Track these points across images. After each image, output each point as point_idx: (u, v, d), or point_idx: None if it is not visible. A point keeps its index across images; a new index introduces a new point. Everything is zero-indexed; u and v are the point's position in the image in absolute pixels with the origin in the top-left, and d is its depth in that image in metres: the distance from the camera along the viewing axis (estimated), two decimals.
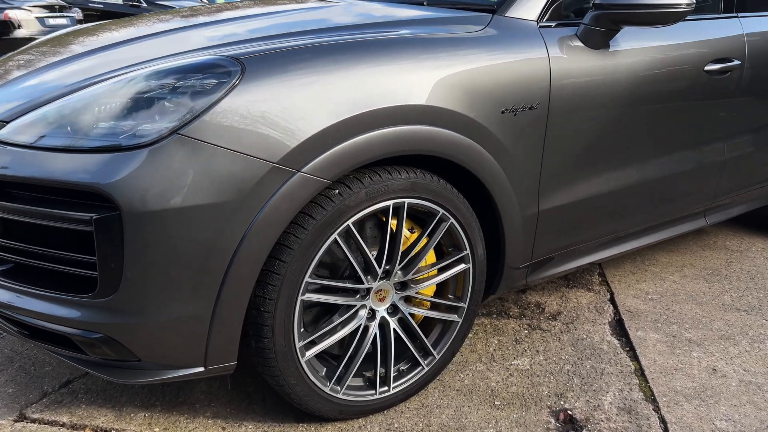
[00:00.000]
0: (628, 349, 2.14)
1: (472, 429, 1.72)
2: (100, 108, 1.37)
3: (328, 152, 1.42)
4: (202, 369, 1.46)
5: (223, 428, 1.71)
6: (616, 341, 2.19)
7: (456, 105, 1.61)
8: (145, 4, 12.81)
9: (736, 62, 2.31)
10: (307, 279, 1.50)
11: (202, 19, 2.06)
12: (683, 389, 1.92)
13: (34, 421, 1.72)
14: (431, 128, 1.57)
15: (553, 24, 1.89)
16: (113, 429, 1.69)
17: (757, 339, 2.23)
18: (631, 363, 2.06)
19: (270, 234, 1.39)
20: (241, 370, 1.64)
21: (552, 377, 1.97)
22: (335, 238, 1.51)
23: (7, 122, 1.44)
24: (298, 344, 1.54)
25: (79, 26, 2.45)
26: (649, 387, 1.93)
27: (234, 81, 1.36)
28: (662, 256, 2.94)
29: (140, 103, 1.36)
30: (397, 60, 1.54)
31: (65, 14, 10.54)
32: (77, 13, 10.85)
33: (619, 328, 2.28)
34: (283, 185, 1.38)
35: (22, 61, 1.87)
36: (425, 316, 1.83)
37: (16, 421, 1.72)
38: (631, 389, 1.92)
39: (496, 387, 1.91)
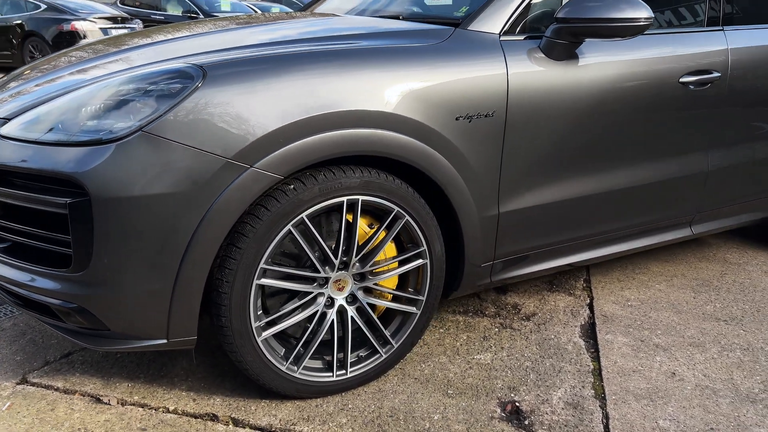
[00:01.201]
0: (592, 350, 2.21)
1: (420, 413, 1.84)
2: (80, 109, 1.58)
3: (279, 150, 1.58)
4: (164, 341, 1.64)
5: (194, 399, 1.89)
6: (582, 343, 2.26)
7: (408, 111, 1.74)
8: (201, 16, 13.40)
9: (716, 74, 2.35)
10: (262, 265, 1.66)
11: (198, 30, 2.27)
12: (636, 389, 1.98)
13: (33, 384, 1.94)
14: (382, 132, 1.71)
15: (517, 37, 2.00)
16: (99, 395, 1.90)
17: (728, 348, 2.25)
18: (591, 363, 2.13)
19: (224, 222, 1.57)
20: (221, 349, 1.81)
21: (509, 372, 2.06)
22: (290, 229, 1.67)
23: (9, 119, 1.67)
24: (254, 324, 1.71)
25: (110, 36, 2.71)
26: (602, 386, 2.00)
27: (196, 84, 1.54)
28: (655, 265, 2.97)
29: (114, 105, 1.56)
30: (350, 69, 1.69)
31: (127, 25, 11.18)
32: (138, 25, 11.49)
33: (589, 331, 2.34)
34: (236, 179, 1.55)
35: (47, 66, 2.12)
36: (387, 307, 1.96)
37: (18, 383, 1.95)
38: (583, 387, 1.99)
39: (453, 378, 2.02)
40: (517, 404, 1.90)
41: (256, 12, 13.95)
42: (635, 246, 2.51)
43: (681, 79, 2.26)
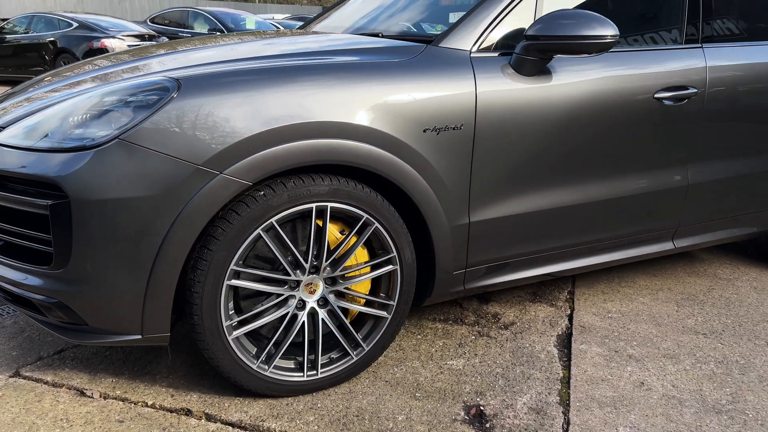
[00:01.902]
0: (565, 359, 2.25)
1: (386, 414, 1.91)
2: (68, 118, 1.71)
3: (248, 158, 1.68)
4: (139, 336, 1.75)
5: (172, 395, 1.98)
6: (556, 352, 2.30)
7: (375, 122, 1.83)
8: (226, 32, 13.74)
9: (693, 90, 2.39)
10: (232, 267, 1.76)
11: (192, 45, 2.40)
12: (601, 397, 2.01)
13: (25, 377, 2.06)
14: (349, 142, 1.80)
15: (489, 53, 2.08)
16: (84, 389, 2.00)
17: (702, 360, 2.27)
18: (561, 371, 2.17)
19: (195, 225, 1.67)
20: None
21: (479, 377, 2.12)
22: (259, 233, 1.77)
23: (4, 128, 1.81)
24: (225, 323, 1.80)
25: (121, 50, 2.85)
26: (568, 393, 2.04)
27: (171, 96, 1.65)
28: (642, 279, 2.99)
29: (97, 114, 1.68)
30: (319, 82, 1.79)
31: (154, 43, 11.54)
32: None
33: (566, 341, 2.38)
34: (206, 184, 1.65)
35: (51, 77, 2.26)
36: (360, 311, 2.04)
37: (11, 376, 2.07)
38: (549, 393, 2.03)
39: (422, 381, 2.09)
40: (481, 408, 1.95)
41: (278, 29, 14.25)
42: (616, 258, 2.55)
43: (656, 95, 2.32)
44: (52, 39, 11.09)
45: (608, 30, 2.00)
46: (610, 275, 3.01)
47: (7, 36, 12.09)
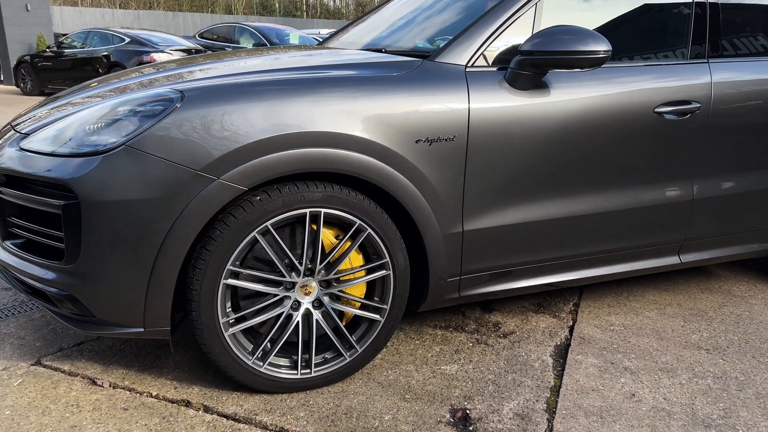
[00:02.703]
0: (559, 369, 2.27)
1: (373, 413, 1.98)
2: (82, 126, 1.86)
3: (244, 165, 1.80)
4: (141, 329, 1.87)
5: (175, 388, 2.10)
6: (551, 361, 2.32)
7: (367, 133, 1.93)
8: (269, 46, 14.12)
9: (696, 105, 2.40)
10: (229, 267, 1.87)
11: (214, 60, 2.55)
12: (589, 407, 2.04)
13: (44, 366, 2.22)
14: (341, 151, 1.90)
15: (485, 68, 2.15)
16: (96, 378, 2.15)
17: (700, 375, 2.26)
18: (553, 380, 2.19)
19: (193, 226, 1.79)
20: None
21: (470, 382, 2.16)
22: (255, 235, 1.88)
23: (29, 135, 1.98)
24: (222, 320, 1.91)
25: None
26: (556, 401, 2.06)
27: (175, 106, 1.79)
28: (652, 293, 2.97)
29: (108, 123, 1.83)
30: (315, 95, 1.90)
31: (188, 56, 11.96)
32: None
33: (563, 351, 2.40)
34: (204, 189, 1.77)
35: (81, 88, 2.44)
36: (355, 314, 2.12)
37: (32, 365, 2.23)
38: (537, 401, 2.07)
39: (414, 384, 2.15)
40: (467, 411, 2.00)
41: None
42: (619, 270, 2.56)
43: (656, 109, 2.34)
44: (105, 53, 11.65)
45: (601, 45, 2.05)
46: (619, 289, 3.00)
47: (66, 50, 12.77)
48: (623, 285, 3.05)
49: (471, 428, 1.92)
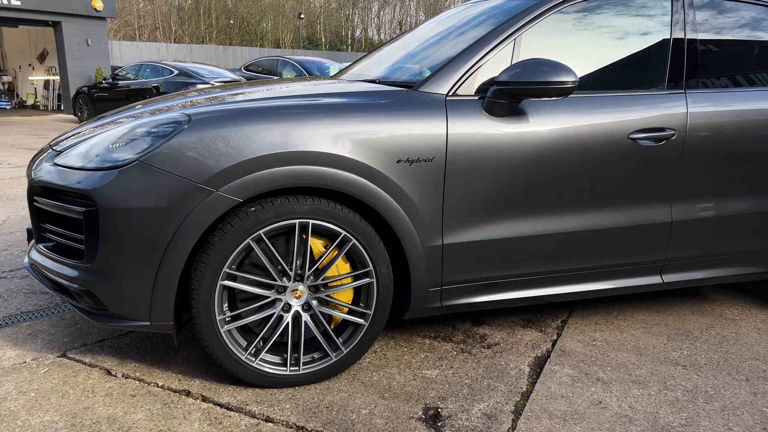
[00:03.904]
0: (534, 377, 2.41)
1: (352, 408, 2.17)
2: (106, 144, 2.15)
3: (240, 179, 2.05)
4: (148, 323, 2.12)
5: (179, 380, 2.34)
6: (527, 370, 2.47)
7: (353, 153, 2.16)
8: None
9: (670, 132, 2.55)
10: (225, 270, 2.11)
11: (236, 89, 2.84)
12: (555, 410, 2.17)
13: (69, 358, 2.50)
14: (328, 169, 2.13)
15: (465, 97, 2.36)
16: (112, 369, 2.41)
17: (671, 387, 2.37)
18: (525, 387, 2.34)
19: (194, 232, 2.04)
20: None
21: (447, 385, 2.33)
22: (249, 242, 2.12)
23: (62, 152, 2.29)
24: (218, 318, 2.14)
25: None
26: (525, 404, 2.21)
27: (183, 128, 2.06)
28: (642, 313, 3.08)
29: (125, 142, 2.12)
30: (307, 118, 2.14)
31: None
32: None
33: (542, 362, 2.54)
34: (204, 200, 2.03)
35: (111, 113, 2.76)
36: (343, 318, 2.33)
37: (58, 356, 2.51)
38: (506, 403, 2.22)
39: (394, 385, 2.33)
40: (439, 410, 2.17)
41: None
42: (601, 288, 2.69)
43: (630, 135, 2.50)
44: (155, 84, 12.34)
45: (569, 77, 2.24)
46: (609, 308, 3.12)
47: (120, 82, 13.58)
48: (614, 304, 3.16)
49: (440, 424, 2.09)
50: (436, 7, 51.97)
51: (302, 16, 40.81)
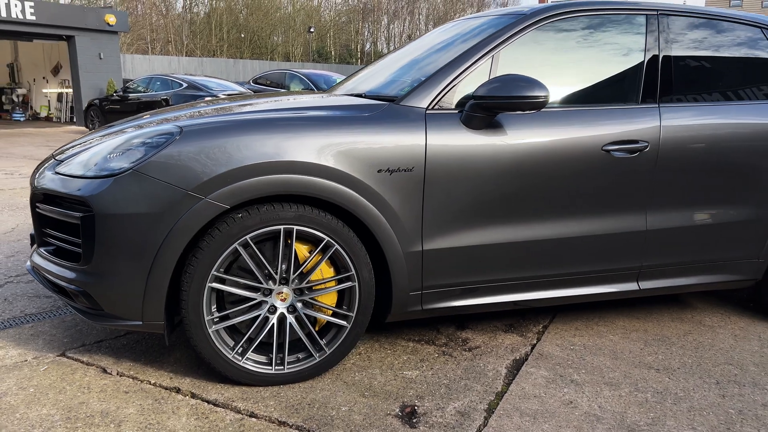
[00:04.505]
0: (510, 378, 2.51)
1: (333, 405, 2.28)
2: (104, 154, 2.29)
3: (227, 187, 2.18)
4: (140, 323, 2.25)
5: (171, 378, 2.46)
6: (504, 371, 2.57)
7: (335, 163, 2.28)
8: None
9: (644, 143, 2.66)
10: (213, 273, 2.24)
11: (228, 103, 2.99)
12: (526, 409, 2.27)
13: (68, 357, 2.62)
14: (311, 177, 2.26)
15: (445, 111, 2.49)
16: (107, 368, 2.53)
17: (641, 389, 2.45)
18: (501, 387, 2.44)
19: (183, 237, 2.17)
20: None
21: (426, 385, 2.43)
22: (236, 246, 2.24)
23: (63, 161, 2.43)
24: (206, 318, 2.26)
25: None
26: (498, 403, 2.31)
27: (175, 138, 2.20)
28: (623, 320, 3.17)
29: (121, 152, 2.26)
30: (293, 130, 2.27)
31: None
32: None
33: (519, 364, 2.64)
34: (193, 206, 2.16)
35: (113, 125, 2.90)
36: (327, 320, 2.45)
37: (58, 355, 2.64)
38: (480, 402, 2.32)
39: (375, 385, 2.44)
40: (415, 408, 2.27)
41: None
42: (580, 293, 2.79)
43: (604, 147, 2.61)
44: (165, 97, 12.59)
45: (541, 91, 2.36)
46: (591, 314, 3.21)
47: (130, 94, 13.85)
48: (596, 311, 3.26)
49: (415, 421, 2.19)
50: (445, 21, 52.40)
51: (312, 30, 41.26)
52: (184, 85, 12.69)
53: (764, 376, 2.60)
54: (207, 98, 11.52)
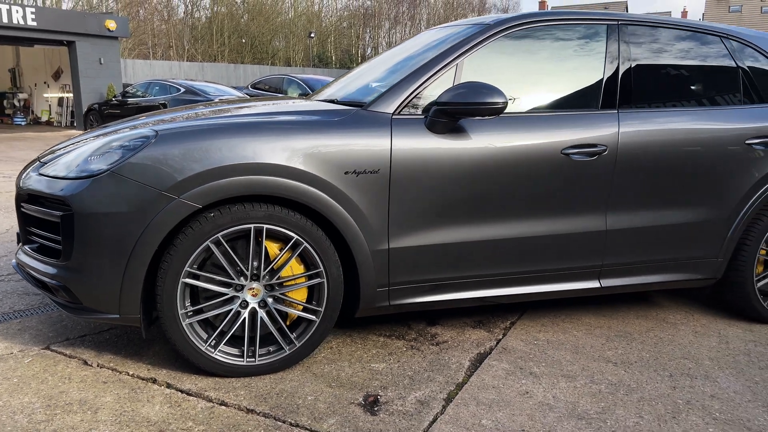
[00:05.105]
0: (472, 370, 2.63)
1: (300, 394, 2.40)
2: (85, 156, 2.43)
3: (199, 187, 2.31)
4: (117, 316, 2.38)
5: (148, 369, 2.59)
6: (467, 364, 2.69)
7: (303, 165, 2.41)
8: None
9: (602, 147, 2.79)
10: (187, 269, 2.36)
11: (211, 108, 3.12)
12: (483, 398, 2.39)
13: (52, 350, 2.75)
14: (280, 179, 2.39)
15: (410, 116, 2.61)
16: (88, 360, 2.66)
17: (597, 381, 2.57)
18: (462, 379, 2.56)
19: (157, 235, 2.30)
20: None
21: (391, 377, 2.56)
22: (208, 244, 2.37)
23: (46, 163, 2.56)
24: (180, 312, 2.39)
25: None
26: (457, 393, 2.43)
27: (150, 142, 2.33)
28: (589, 317, 3.29)
29: (101, 154, 2.39)
30: (263, 133, 2.40)
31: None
32: None
33: (483, 358, 2.76)
34: (167, 205, 2.29)
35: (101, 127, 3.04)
36: (298, 314, 2.57)
37: (42, 348, 2.77)
38: (440, 392, 2.44)
39: (342, 376, 2.56)
40: (378, 397, 2.39)
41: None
42: (543, 290, 2.91)
43: (563, 151, 2.73)
44: (163, 102, 12.75)
45: (499, 98, 2.49)
46: (559, 312, 3.33)
47: (129, 99, 14.02)
48: (564, 309, 3.38)
49: (376, 409, 2.31)
50: None
51: (312, 35, 41.49)
52: (182, 90, 12.86)
53: (717, 370, 2.72)
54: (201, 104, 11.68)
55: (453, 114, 2.56)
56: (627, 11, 58.60)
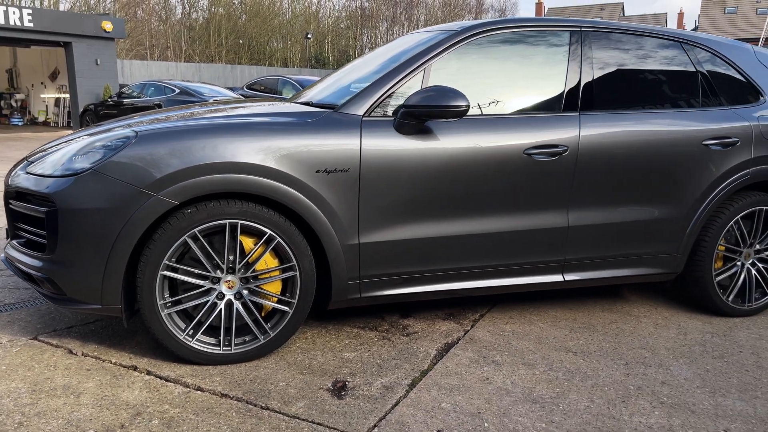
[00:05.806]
0: (438, 359, 2.78)
1: (272, 380, 2.54)
2: (70, 155, 2.57)
3: (176, 185, 2.45)
4: (100, 306, 2.52)
5: (130, 357, 2.73)
6: (434, 353, 2.83)
7: (275, 163, 2.55)
8: None
9: (563, 147, 2.94)
10: (165, 262, 2.50)
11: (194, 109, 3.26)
12: (445, 384, 2.54)
13: (39, 341, 2.89)
14: (254, 177, 2.53)
15: (380, 118, 2.76)
16: (74, 349, 2.80)
17: (555, 369, 2.72)
18: (427, 366, 2.70)
19: (137, 229, 2.43)
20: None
21: (360, 364, 2.70)
22: (185, 239, 2.51)
23: (33, 162, 2.71)
24: (159, 302, 2.53)
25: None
26: (421, 379, 2.57)
27: (131, 142, 2.47)
28: (556, 310, 3.43)
29: (84, 153, 2.53)
30: (238, 134, 2.54)
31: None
32: None
33: (449, 347, 2.91)
34: (145, 202, 2.43)
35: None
36: (273, 306, 2.71)
37: (30, 339, 2.91)
38: (405, 378, 2.58)
39: (314, 364, 2.70)
40: (346, 383, 2.54)
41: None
42: (508, 284, 3.05)
43: (526, 151, 2.88)
44: (158, 102, 12.89)
45: (462, 101, 2.64)
46: (527, 305, 3.48)
47: (125, 99, 14.16)
48: (533, 302, 3.52)
49: (343, 393, 2.45)
50: None
51: (309, 36, 41.63)
52: (177, 90, 13.00)
53: (671, 359, 2.87)
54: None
55: (419, 116, 2.70)
56: (623, 13, 58.85)
